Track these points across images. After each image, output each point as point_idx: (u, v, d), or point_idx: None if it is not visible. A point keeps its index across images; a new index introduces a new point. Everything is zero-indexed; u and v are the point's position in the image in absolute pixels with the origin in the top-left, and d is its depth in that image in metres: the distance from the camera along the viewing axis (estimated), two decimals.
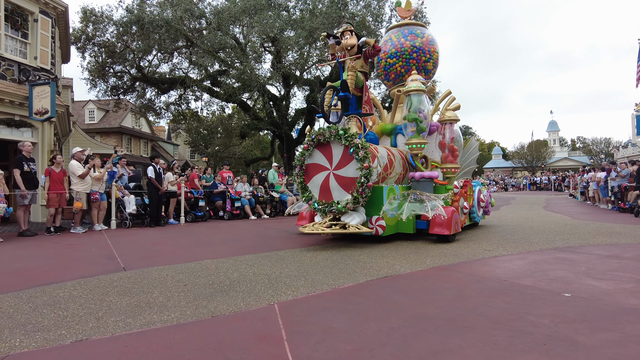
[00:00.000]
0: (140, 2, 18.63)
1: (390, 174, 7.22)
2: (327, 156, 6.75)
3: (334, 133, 6.52)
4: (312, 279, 4.22)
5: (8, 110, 10.73)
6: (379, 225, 6.51)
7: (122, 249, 6.47)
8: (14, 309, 3.32)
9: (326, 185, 6.70)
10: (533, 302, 3.29)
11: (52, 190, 8.61)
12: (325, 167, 6.76)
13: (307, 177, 6.94)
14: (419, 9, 20.60)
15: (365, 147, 6.29)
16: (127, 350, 2.47)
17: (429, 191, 7.15)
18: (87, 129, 27.48)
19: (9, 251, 6.46)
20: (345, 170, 6.52)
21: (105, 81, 20.26)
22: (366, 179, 6.19)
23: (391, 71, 8.96)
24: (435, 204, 6.06)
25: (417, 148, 7.59)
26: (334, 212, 6.47)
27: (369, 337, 2.62)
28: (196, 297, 3.58)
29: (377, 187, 6.65)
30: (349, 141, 6.37)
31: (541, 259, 5.18)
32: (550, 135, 65.16)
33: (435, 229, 6.54)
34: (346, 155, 6.48)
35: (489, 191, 9.44)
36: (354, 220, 6.34)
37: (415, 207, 6.09)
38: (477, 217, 8.53)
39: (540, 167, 56.10)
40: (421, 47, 8.64)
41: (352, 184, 6.36)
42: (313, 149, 6.85)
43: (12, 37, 11.32)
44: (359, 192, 6.23)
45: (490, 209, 9.44)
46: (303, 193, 6.93)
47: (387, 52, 8.89)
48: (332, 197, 6.60)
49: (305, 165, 6.96)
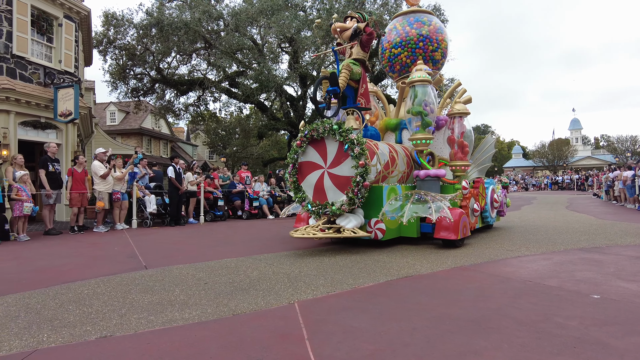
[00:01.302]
0: (160, 5, 18.93)
1: (392, 173, 6.66)
2: (322, 153, 6.17)
3: (328, 128, 5.94)
4: (331, 278, 4.20)
5: (34, 113, 11.04)
6: (378, 229, 5.96)
7: (143, 248, 6.57)
8: (41, 305, 3.40)
9: (320, 185, 6.13)
10: (560, 304, 3.19)
11: (75, 190, 8.81)
12: (319, 166, 6.18)
13: (301, 176, 6.38)
14: (437, 7, 20.38)
15: (361, 143, 5.68)
16: (150, 348, 2.49)
17: (435, 191, 6.50)
18: (109, 130, 28.09)
19: (36, 249, 6.64)
20: (340, 168, 5.94)
21: (126, 83, 20.65)
22: (362, 178, 5.63)
23: (396, 62, 8.29)
24: (441, 205, 5.52)
25: (422, 144, 6.98)
26: (328, 214, 5.94)
27: (391, 337, 2.58)
28: (217, 296, 3.60)
29: (377, 187, 6.11)
30: (343, 136, 5.79)
31: (566, 259, 5.04)
32: (573, 133, 63.63)
33: (440, 233, 5.97)
34: (341, 152, 5.91)
35: (504, 191, 8.88)
36: (350, 223, 5.79)
37: (418, 208, 5.52)
38: (490, 219, 7.98)
39: (562, 166, 54.80)
40: (428, 35, 7.93)
41: (348, 184, 5.80)
42: (306, 145, 6.28)
43: (38, 41, 11.64)
44: (354, 193, 5.68)
45: (505, 210, 8.92)
46: (296, 194, 6.38)
47: (392, 41, 8.21)
48: (326, 198, 6.04)
49: (298, 163, 6.39)
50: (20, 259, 5.78)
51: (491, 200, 8.01)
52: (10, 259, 5.79)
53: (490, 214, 7.92)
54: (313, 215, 6.22)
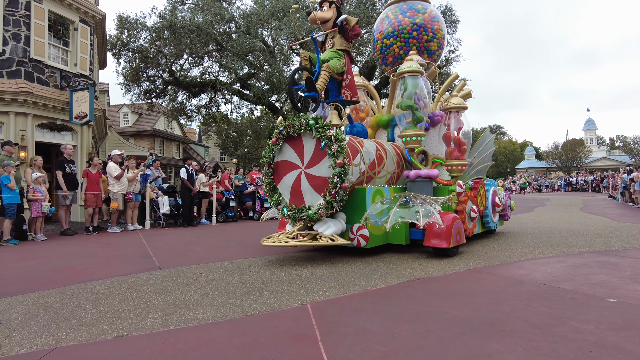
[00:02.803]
0: (172, 8, 19.15)
1: (378, 173, 6.07)
2: (298, 152, 5.58)
3: (304, 123, 5.37)
4: (343, 279, 4.21)
5: (51, 115, 11.26)
6: (360, 235, 5.39)
7: (156, 248, 6.65)
8: (59, 304, 3.47)
9: (297, 187, 5.55)
10: (575, 307, 3.16)
11: (89, 191, 8.96)
12: (296, 165, 5.60)
13: (277, 177, 5.80)
14: (449, 7, 20.26)
15: (340, 140, 5.11)
16: (165, 347, 2.53)
17: (427, 193, 5.93)
18: (122, 132, 28.48)
19: (52, 249, 6.77)
20: (317, 168, 5.36)
21: (139, 85, 20.92)
22: (340, 178, 5.06)
23: (388, 53, 7.70)
24: (429, 209, 4.87)
25: (412, 141, 6.37)
26: (305, 219, 5.38)
27: (404, 339, 2.58)
28: (230, 296, 3.64)
29: (360, 189, 5.56)
30: (320, 133, 5.22)
31: (581, 262, 4.97)
32: (587, 134, 62.65)
33: (431, 241, 5.37)
34: (318, 150, 5.35)
35: (507, 193, 8.20)
36: (329, 229, 5.20)
37: (405, 213, 4.88)
38: (491, 223, 7.27)
39: (576, 167, 53.98)
40: (422, 24, 7.35)
41: (326, 185, 5.22)
42: (282, 143, 5.71)
43: (55, 45, 11.87)
44: (331, 195, 5.09)
45: (509, 213, 8.24)
46: (271, 196, 5.78)
47: (384, 31, 7.63)
48: (303, 201, 5.45)
49: (274, 163, 5.83)
50: (38, 258, 5.90)
51: (492, 203, 7.34)
52: (29, 258, 5.92)
53: (491, 218, 7.26)
54: (289, 220, 5.67)
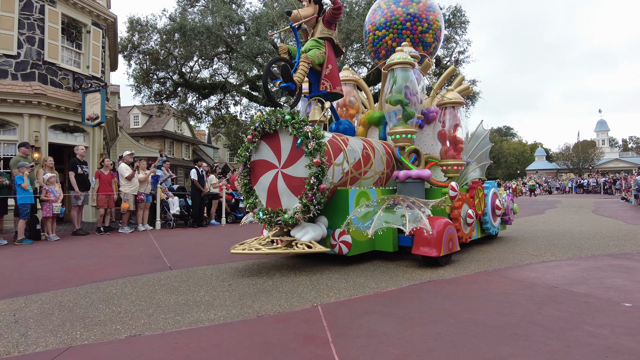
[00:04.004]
0: (183, 10, 19.34)
1: (365, 174, 5.61)
2: (275, 150, 5.12)
3: (280, 119, 4.94)
4: (353, 281, 4.21)
5: (63, 117, 11.42)
6: (342, 242, 4.92)
7: (167, 249, 6.71)
8: (73, 304, 3.52)
9: (274, 189, 5.09)
10: (589, 311, 3.12)
11: (101, 191, 9.06)
12: (273, 165, 5.14)
13: (254, 177, 5.34)
14: (458, 8, 20.16)
15: (318, 137, 4.66)
16: (178, 347, 2.55)
17: (418, 195, 5.50)
18: (132, 133, 28.75)
19: (65, 249, 6.86)
20: (294, 168, 4.91)
21: (149, 87, 21.16)
22: (317, 179, 4.61)
23: (381, 46, 7.26)
24: (417, 213, 4.39)
25: (403, 139, 5.86)
26: (281, 223, 4.91)
27: (415, 342, 2.57)
28: (241, 297, 3.65)
29: (342, 191, 5.13)
30: (296, 129, 4.79)
31: (594, 265, 4.91)
32: (599, 135, 61.87)
33: (420, 248, 4.88)
34: (295, 148, 4.90)
35: (510, 196, 7.68)
36: (307, 234, 4.75)
37: (390, 217, 4.43)
38: (491, 228, 6.73)
39: (588, 169, 53.31)
40: (417, 14, 6.92)
41: (303, 187, 4.78)
42: (259, 140, 5.24)
43: (68, 48, 12.05)
44: (308, 198, 4.64)
45: (512, 217, 7.73)
46: (247, 199, 5.32)
47: (375, 23, 7.25)
48: (280, 204, 5.01)
49: (250, 162, 5.35)
50: (51, 257, 5.99)
51: (492, 206, 6.78)
52: (42, 257, 6.01)
53: (491, 222, 6.70)
54: (265, 224, 5.21)
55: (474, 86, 22.53)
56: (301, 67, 5.24)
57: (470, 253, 5.87)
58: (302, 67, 5.24)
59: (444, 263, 5.02)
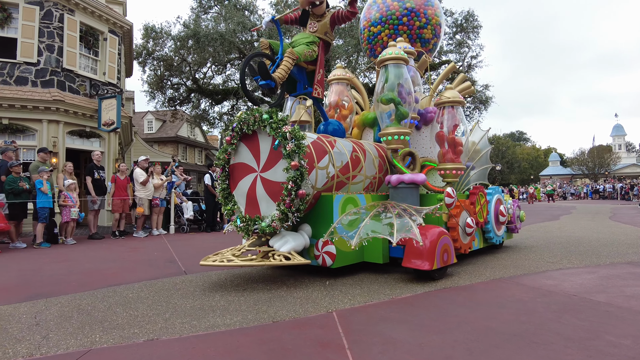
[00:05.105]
0: (196, 17, 19.61)
1: (353, 178, 5.16)
2: (254, 152, 4.74)
3: (258, 118, 4.54)
4: (367, 287, 4.20)
5: (81, 122, 11.67)
6: (326, 252, 4.51)
7: (181, 253, 6.77)
8: (91, 307, 3.58)
9: (253, 194, 4.71)
10: (610, 321, 3.06)
11: (117, 196, 9.21)
12: (252, 169, 4.76)
13: (233, 182, 4.97)
14: (471, 12, 20.08)
15: (298, 138, 4.28)
16: (195, 352, 2.57)
17: (412, 202, 5.05)
18: (146, 138, 29.18)
19: (82, 252, 6.98)
20: (273, 171, 4.52)
21: (163, 93, 21.47)
22: (296, 184, 4.21)
23: (376, 43, 6.97)
24: (407, 222, 4.02)
25: (395, 141, 5.36)
26: (258, 232, 4.55)
27: (432, 349, 2.56)
28: (256, 302, 3.67)
29: (326, 197, 4.68)
30: (274, 129, 4.38)
31: (613, 273, 4.82)
32: (615, 140, 60.78)
33: (411, 261, 4.38)
34: (274, 150, 4.53)
35: (516, 202, 7.19)
36: (287, 245, 4.35)
37: (377, 226, 4.06)
38: (495, 237, 6.27)
39: (604, 174, 52.38)
40: (414, 8, 6.59)
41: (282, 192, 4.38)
42: (238, 142, 4.85)
43: (85, 55, 12.32)
44: (285, 205, 4.25)
45: (519, 225, 7.25)
46: (225, 205, 4.98)
47: (370, 18, 6.93)
48: (259, 211, 4.65)
49: (229, 165, 4.99)
50: (69, 261, 6.09)
51: (496, 213, 6.30)
52: (60, 261, 6.12)
53: (494, 231, 6.24)
54: (242, 232, 4.81)
55: (486, 91, 22.37)
56: (285, 62, 4.86)
57: (484, 260, 5.82)
58: (285, 62, 4.85)
59: (437, 277, 4.54)
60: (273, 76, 4.73)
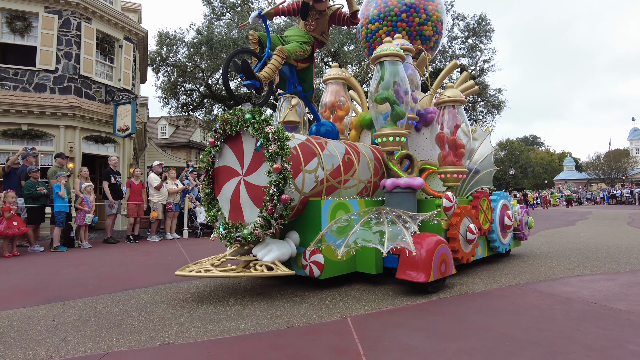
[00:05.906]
0: (209, 24, 19.86)
1: (345, 183, 4.86)
2: (238, 155, 4.47)
3: (241, 118, 4.29)
4: (381, 293, 4.17)
5: (96, 128, 11.87)
6: (313, 262, 4.18)
7: (195, 258, 6.80)
8: (107, 310, 3.62)
9: (236, 199, 4.44)
10: (632, 329, 2.99)
11: (132, 201, 9.33)
12: (236, 172, 4.49)
13: (217, 186, 4.70)
14: (483, 16, 19.98)
15: (281, 139, 4.01)
16: (210, 357, 2.58)
17: (408, 208, 4.69)
18: (159, 144, 29.52)
19: (97, 256, 7.07)
20: (257, 175, 4.26)
21: (177, 99, 21.73)
22: (278, 189, 3.95)
23: (374, 41, 6.72)
24: (399, 230, 3.71)
25: (391, 142, 5.01)
26: (240, 239, 4.28)
27: (449, 356, 2.53)
28: (270, 307, 3.67)
29: (314, 202, 4.39)
30: (256, 129, 4.12)
31: (634, 280, 4.71)
32: (633, 143, 59.72)
33: (406, 272, 4.05)
34: (257, 153, 4.27)
35: (524, 209, 6.78)
36: (270, 254, 4.06)
37: (367, 235, 3.75)
38: (500, 246, 5.88)
39: (621, 179, 51.34)
40: (413, 4, 6.33)
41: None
42: (222, 144, 4.60)
43: (101, 62, 12.55)
44: (268, 211, 3.98)
45: (527, 232, 6.83)
46: (209, 210, 4.71)
47: (369, 16, 6.66)
48: (243, 217, 4.38)
49: (213, 169, 4.73)
50: (85, 265, 6.18)
51: (501, 220, 5.96)
52: (77, 264, 6.21)
53: (499, 239, 5.86)
54: (224, 240, 4.53)
55: (499, 95, 22.17)
56: (273, 61, 4.58)
57: (500, 265, 5.73)
58: (274, 61, 4.58)
59: (433, 290, 4.17)
60: (258, 75, 4.46)
